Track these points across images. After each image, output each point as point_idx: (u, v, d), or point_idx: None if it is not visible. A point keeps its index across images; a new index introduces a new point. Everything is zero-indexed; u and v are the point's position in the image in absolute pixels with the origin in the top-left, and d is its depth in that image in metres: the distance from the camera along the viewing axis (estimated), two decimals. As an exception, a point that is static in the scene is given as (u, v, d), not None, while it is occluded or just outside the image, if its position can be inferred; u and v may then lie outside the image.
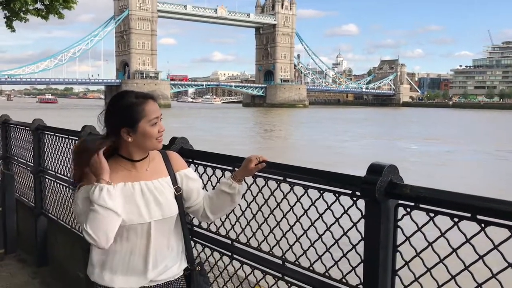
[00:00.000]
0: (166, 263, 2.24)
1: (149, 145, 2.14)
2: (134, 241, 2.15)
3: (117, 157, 2.18)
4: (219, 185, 2.37)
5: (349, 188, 2.01)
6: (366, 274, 1.92)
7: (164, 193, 2.21)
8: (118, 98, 2.16)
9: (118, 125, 2.10)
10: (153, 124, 2.11)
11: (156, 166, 2.26)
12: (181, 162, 2.37)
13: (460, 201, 1.64)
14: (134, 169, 2.18)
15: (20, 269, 5.49)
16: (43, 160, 5.48)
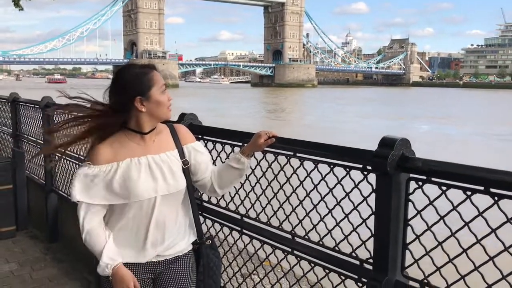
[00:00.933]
0: (173, 238, 2.23)
1: (161, 114, 2.13)
2: (141, 216, 2.14)
3: (125, 130, 2.16)
4: (228, 160, 2.36)
5: (360, 162, 1.99)
6: (376, 248, 1.92)
7: (171, 167, 2.18)
8: (124, 71, 2.14)
9: (131, 95, 2.07)
10: (163, 91, 2.12)
11: (164, 139, 2.24)
12: (189, 136, 2.35)
13: (473, 174, 1.61)
14: (142, 141, 2.16)
15: (32, 246, 5.57)
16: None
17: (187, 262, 2.30)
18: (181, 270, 2.27)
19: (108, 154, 2.11)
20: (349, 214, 2.09)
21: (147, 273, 2.22)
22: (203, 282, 2.35)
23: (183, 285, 2.26)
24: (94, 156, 2.11)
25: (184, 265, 2.28)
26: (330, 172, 2.16)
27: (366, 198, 1.99)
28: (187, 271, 2.29)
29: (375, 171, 1.88)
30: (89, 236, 2.11)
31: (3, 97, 7.25)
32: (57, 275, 4.71)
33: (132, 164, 2.11)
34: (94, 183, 2.07)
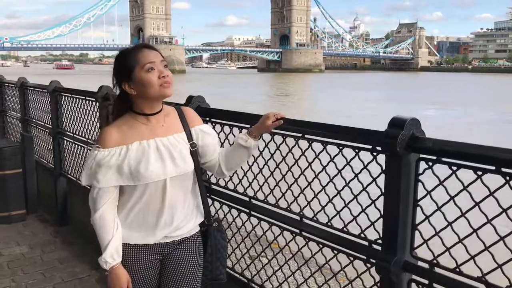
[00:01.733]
0: (181, 220, 2.24)
1: (153, 93, 2.08)
2: (149, 198, 2.15)
3: (132, 113, 2.18)
4: (235, 140, 2.34)
5: (369, 143, 1.98)
6: (385, 229, 1.91)
7: (180, 149, 2.18)
8: (116, 56, 2.17)
9: (119, 81, 2.12)
10: (148, 69, 2.05)
11: (171, 122, 2.23)
12: (197, 118, 2.34)
13: (484, 154, 1.60)
14: (149, 123, 2.16)
15: (42, 229, 5.63)
16: (61, 121, 5.53)
17: (195, 243, 2.32)
18: (188, 251, 2.29)
19: (117, 137, 2.11)
20: (358, 195, 2.08)
21: (155, 254, 2.24)
22: (210, 264, 2.38)
23: (190, 266, 2.28)
24: (103, 139, 2.12)
25: (191, 246, 2.30)
26: (339, 153, 2.15)
27: (376, 179, 1.98)
28: (194, 252, 2.30)
29: (385, 151, 1.86)
30: (98, 222, 2.13)
31: (12, 82, 7.29)
32: (67, 258, 4.77)
33: (141, 147, 2.11)
34: (103, 166, 2.08)
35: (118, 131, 2.12)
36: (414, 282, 1.88)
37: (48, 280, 4.27)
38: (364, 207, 2.04)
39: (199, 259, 2.33)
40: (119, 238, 2.15)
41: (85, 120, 4.88)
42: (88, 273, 4.41)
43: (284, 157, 2.46)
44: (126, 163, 2.08)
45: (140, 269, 2.22)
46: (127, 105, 2.17)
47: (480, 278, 1.64)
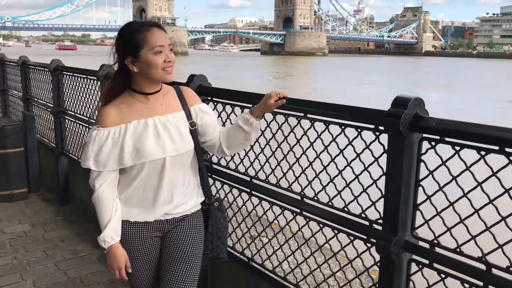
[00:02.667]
0: (182, 198, 2.23)
1: (155, 75, 2.07)
2: (149, 176, 2.14)
3: (131, 91, 2.15)
4: (237, 120, 2.32)
5: (372, 123, 1.96)
6: (386, 208, 1.91)
7: (179, 128, 2.17)
8: (122, 28, 2.12)
9: (123, 55, 2.07)
10: (157, 52, 2.03)
11: (170, 101, 2.21)
12: (195, 97, 2.32)
13: (487, 133, 1.58)
14: (148, 102, 2.14)
15: (44, 207, 5.65)
16: (63, 100, 5.51)
17: (195, 220, 2.32)
18: (189, 229, 2.29)
19: (116, 116, 2.09)
20: (360, 175, 2.07)
21: (155, 231, 2.24)
22: (211, 243, 2.39)
23: (190, 243, 2.28)
24: (101, 118, 2.10)
25: (192, 223, 2.30)
26: (341, 133, 2.13)
27: (378, 159, 1.97)
28: (195, 229, 2.31)
29: (388, 131, 1.84)
30: (98, 201, 2.13)
31: (13, 61, 7.25)
32: (68, 236, 4.80)
33: (140, 125, 2.10)
34: (103, 146, 2.07)
35: (116, 110, 2.11)
36: (414, 262, 1.88)
37: (50, 258, 4.30)
38: (366, 187, 2.03)
39: (199, 237, 2.33)
40: (118, 217, 2.16)
41: (87, 99, 4.87)
42: (89, 251, 4.44)
43: (286, 137, 2.45)
44: (125, 142, 2.07)
45: (140, 246, 2.23)
46: (126, 82, 2.14)
47: (481, 258, 1.64)
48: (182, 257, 2.26)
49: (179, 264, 2.25)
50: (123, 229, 2.19)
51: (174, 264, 2.25)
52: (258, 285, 2.77)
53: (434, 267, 1.79)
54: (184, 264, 2.26)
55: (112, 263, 2.17)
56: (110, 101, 2.13)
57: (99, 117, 2.12)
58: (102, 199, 2.12)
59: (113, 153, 2.07)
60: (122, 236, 2.18)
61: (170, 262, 2.26)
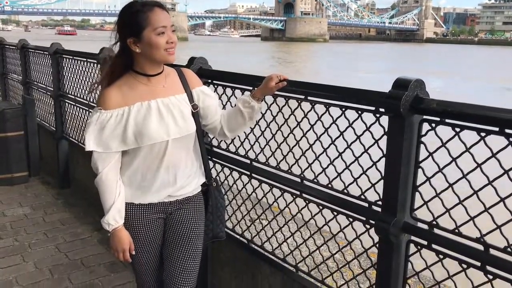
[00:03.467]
0: (184, 179, 2.25)
1: (158, 57, 2.05)
2: (152, 159, 2.14)
3: (132, 73, 2.13)
4: (238, 102, 2.32)
5: (373, 105, 1.96)
6: (385, 190, 1.91)
7: (182, 110, 2.16)
8: (124, 8, 2.10)
9: (125, 35, 2.05)
10: (159, 33, 2.01)
11: (172, 83, 2.20)
12: (197, 79, 2.32)
13: (487, 115, 1.58)
14: (150, 84, 2.13)
15: (44, 191, 5.68)
16: (63, 84, 5.50)
17: (197, 202, 2.35)
18: (192, 210, 2.32)
19: (118, 98, 2.07)
20: (360, 157, 2.07)
21: (159, 213, 2.26)
22: (212, 223, 2.43)
23: (194, 225, 2.31)
24: (103, 101, 2.08)
25: (194, 205, 2.33)
26: (341, 115, 2.13)
27: (378, 141, 1.97)
28: (197, 211, 2.34)
29: (388, 113, 1.84)
30: (101, 184, 2.13)
31: (12, 44, 7.22)
32: (69, 219, 4.82)
33: (143, 108, 2.09)
34: (106, 128, 2.06)
35: (118, 92, 2.09)
36: (413, 243, 1.89)
37: (51, 240, 4.33)
38: (365, 169, 2.03)
39: (201, 218, 2.36)
40: (122, 200, 2.16)
41: (87, 82, 4.85)
42: (90, 234, 4.47)
43: (286, 120, 2.45)
44: (128, 124, 2.06)
45: (144, 228, 2.25)
46: (127, 63, 2.12)
47: (479, 239, 1.65)
48: (185, 240, 2.28)
49: (182, 247, 2.28)
50: (127, 211, 2.19)
51: (177, 247, 2.28)
52: (258, 266, 2.80)
53: (432, 248, 1.80)
54: (187, 247, 2.29)
55: (116, 246, 2.18)
56: (111, 83, 2.10)
57: (101, 99, 2.10)
58: (105, 182, 2.12)
59: (115, 135, 2.06)
60: (126, 218, 2.19)
61: (174, 245, 2.29)
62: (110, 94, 2.08)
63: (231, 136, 2.40)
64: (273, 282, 2.70)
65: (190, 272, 2.30)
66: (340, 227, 2.18)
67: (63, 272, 3.76)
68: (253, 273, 2.85)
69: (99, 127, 2.06)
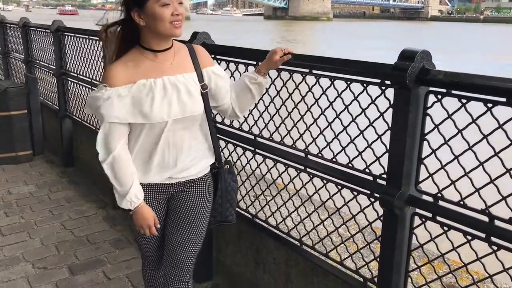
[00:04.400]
0: (187, 162, 2.16)
1: (163, 30, 1.96)
2: (153, 138, 2.08)
3: (139, 48, 2.05)
4: (243, 79, 2.28)
5: (378, 77, 1.94)
6: (390, 163, 1.90)
7: (189, 90, 2.06)
8: None
9: (129, 6, 1.98)
10: (164, 4, 1.93)
11: (181, 60, 2.10)
12: (209, 58, 2.22)
13: (495, 85, 1.56)
14: (157, 60, 2.04)
15: (48, 169, 5.70)
16: (65, 62, 5.47)
17: (203, 185, 2.26)
18: (196, 193, 2.24)
19: (124, 74, 1.99)
20: (365, 130, 2.06)
21: (161, 194, 2.21)
22: (220, 206, 2.35)
23: (196, 208, 2.25)
24: (109, 77, 2.00)
25: (199, 188, 2.24)
26: (346, 88, 2.11)
27: (383, 114, 1.96)
28: (202, 194, 2.26)
29: (394, 85, 1.82)
30: (116, 163, 2.04)
31: (14, 23, 7.17)
32: (74, 197, 4.85)
33: (148, 85, 2.00)
34: (112, 103, 1.98)
35: (124, 68, 2.01)
36: (417, 216, 1.89)
37: (56, 218, 4.36)
38: (370, 142, 2.03)
39: (207, 201, 2.29)
40: (137, 177, 2.10)
41: (89, 60, 4.83)
42: (94, 211, 4.49)
43: (290, 94, 2.43)
44: (132, 102, 1.99)
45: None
46: (133, 38, 2.04)
47: (484, 211, 1.65)
48: (186, 222, 2.24)
49: (183, 231, 2.24)
50: None
51: (178, 231, 2.25)
52: (262, 241, 2.81)
53: (437, 220, 1.80)
54: (188, 231, 2.24)
55: (141, 222, 2.13)
56: (117, 58, 2.03)
57: (107, 75, 2.02)
58: (120, 161, 2.05)
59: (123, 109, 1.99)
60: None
61: (175, 228, 2.25)
62: (116, 71, 2.00)
63: (242, 115, 2.35)
64: (277, 256, 2.72)
65: (188, 254, 2.26)
66: (345, 201, 2.18)
67: (69, 248, 3.79)
68: (258, 248, 2.87)
69: (106, 102, 1.97)
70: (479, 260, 1.68)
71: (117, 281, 3.32)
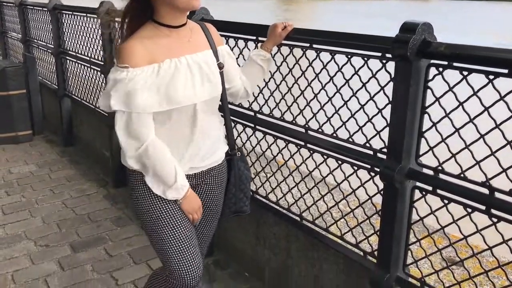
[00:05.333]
0: (207, 149, 1.99)
1: (180, 2, 1.77)
2: (179, 125, 1.87)
3: (153, 23, 1.84)
4: (254, 58, 2.22)
5: (379, 50, 1.92)
6: (391, 137, 1.90)
7: (211, 69, 1.91)
8: None
9: None
10: None
11: (197, 37, 1.94)
12: (220, 37, 2.09)
13: (497, 56, 1.54)
14: (174, 36, 1.85)
15: (49, 149, 5.69)
16: (63, 41, 5.42)
17: (220, 173, 2.11)
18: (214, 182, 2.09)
19: (144, 53, 1.77)
20: (365, 105, 2.05)
21: None
22: (234, 196, 2.21)
23: (216, 197, 2.13)
24: (129, 56, 1.75)
25: (217, 176, 2.09)
26: (347, 62, 2.10)
27: (384, 88, 1.95)
28: (219, 183, 2.12)
29: (395, 58, 1.81)
30: (154, 153, 1.81)
31: (10, 1, 7.09)
32: (74, 176, 4.86)
33: (173, 65, 1.80)
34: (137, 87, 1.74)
35: (142, 46, 1.77)
36: (418, 189, 1.89)
37: (57, 196, 4.37)
38: (371, 117, 2.02)
39: (224, 190, 2.17)
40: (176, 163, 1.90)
41: (88, 38, 4.79)
42: (95, 190, 4.51)
43: (291, 69, 2.41)
44: (158, 83, 1.77)
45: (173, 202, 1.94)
46: (147, 12, 1.84)
47: (484, 183, 1.65)
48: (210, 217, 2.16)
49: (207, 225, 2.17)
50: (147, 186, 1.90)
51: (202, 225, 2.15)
52: (263, 217, 2.83)
53: (437, 193, 1.80)
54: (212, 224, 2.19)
55: (192, 208, 1.94)
56: (130, 34, 1.82)
57: (125, 54, 1.76)
58: (157, 151, 1.82)
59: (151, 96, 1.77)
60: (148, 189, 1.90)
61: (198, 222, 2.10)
62: (136, 48, 1.76)
63: (251, 95, 2.30)
64: (278, 231, 2.74)
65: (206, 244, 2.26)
66: (345, 176, 2.18)
67: (71, 226, 3.81)
68: (258, 223, 2.89)
69: (131, 87, 1.73)
70: (479, 232, 1.69)
71: (118, 258, 3.35)
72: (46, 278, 3.12)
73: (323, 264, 2.47)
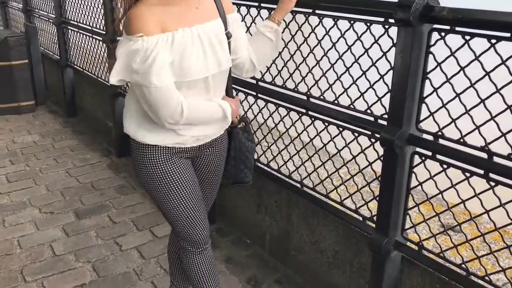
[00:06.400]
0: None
1: None
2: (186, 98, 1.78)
3: None
4: (260, 30, 2.10)
5: (382, 15, 1.91)
6: (392, 102, 1.90)
7: (220, 40, 1.82)
8: None
9: None
10: None
11: (206, 4, 1.84)
12: (230, 4, 1.96)
13: (500, 19, 1.53)
14: (182, 3, 1.74)
15: (52, 119, 5.72)
16: (65, 10, 5.38)
17: (221, 145, 2.09)
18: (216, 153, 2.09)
19: (155, 20, 1.66)
20: (367, 71, 2.05)
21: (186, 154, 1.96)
22: (233, 167, 2.17)
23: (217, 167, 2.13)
24: (141, 24, 1.63)
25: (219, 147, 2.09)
26: (349, 28, 2.09)
27: (386, 54, 1.95)
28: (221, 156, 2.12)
29: (397, 22, 1.80)
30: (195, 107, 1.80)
31: (10, -30, 7.01)
32: (77, 146, 4.89)
33: (185, 35, 1.71)
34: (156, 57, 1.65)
35: (152, 13, 1.66)
36: (417, 155, 1.91)
37: (61, 165, 4.41)
38: (372, 83, 2.02)
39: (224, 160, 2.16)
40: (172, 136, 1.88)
41: (89, 7, 4.75)
42: (98, 159, 4.54)
43: (293, 36, 2.40)
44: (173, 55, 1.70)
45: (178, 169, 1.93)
46: None
47: (483, 148, 1.66)
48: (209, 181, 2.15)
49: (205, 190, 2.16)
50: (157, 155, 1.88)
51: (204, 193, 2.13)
52: (264, 184, 2.86)
53: (436, 158, 1.82)
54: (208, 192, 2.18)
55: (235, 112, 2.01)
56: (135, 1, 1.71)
57: (137, 22, 1.64)
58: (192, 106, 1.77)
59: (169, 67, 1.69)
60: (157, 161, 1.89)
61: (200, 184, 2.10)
62: (147, 16, 1.65)
63: (259, 69, 2.16)
64: (279, 199, 2.77)
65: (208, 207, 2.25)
66: (345, 143, 2.20)
67: (75, 194, 3.86)
68: (259, 191, 2.92)
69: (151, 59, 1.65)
70: (477, 196, 1.71)
71: (122, 225, 3.40)
72: (51, 243, 3.18)
73: (322, 230, 2.51)
